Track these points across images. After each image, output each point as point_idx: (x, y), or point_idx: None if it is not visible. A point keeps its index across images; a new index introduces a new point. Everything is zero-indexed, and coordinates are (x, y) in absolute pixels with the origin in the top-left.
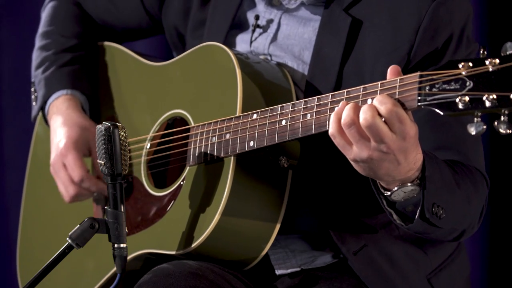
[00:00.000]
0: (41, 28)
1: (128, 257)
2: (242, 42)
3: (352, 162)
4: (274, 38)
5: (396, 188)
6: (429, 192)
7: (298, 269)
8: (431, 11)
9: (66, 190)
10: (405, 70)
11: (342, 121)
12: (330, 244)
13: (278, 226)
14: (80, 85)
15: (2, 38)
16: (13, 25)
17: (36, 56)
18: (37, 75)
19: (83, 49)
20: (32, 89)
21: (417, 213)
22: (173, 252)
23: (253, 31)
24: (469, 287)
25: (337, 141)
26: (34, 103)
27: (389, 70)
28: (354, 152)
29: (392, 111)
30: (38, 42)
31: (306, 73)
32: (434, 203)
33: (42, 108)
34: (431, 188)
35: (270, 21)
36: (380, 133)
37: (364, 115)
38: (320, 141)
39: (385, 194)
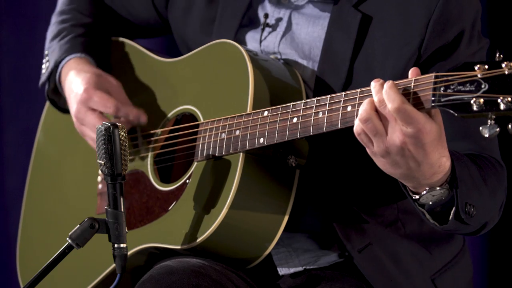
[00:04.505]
0: (59, 7)
1: (132, 251)
2: (252, 41)
3: (372, 157)
4: (284, 37)
5: (424, 192)
6: (461, 193)
7: (301, 268)
8: (440, 4)
9: None
10: (417, 64)
11: (359, 116)
12: (336, 242)
13: (283, 225)
14: (93, 53)
15: (2, 38)
16: (13, 25)
17: (52, 30)
18: (51, 46)
19: (97, 28)
20: (44, 60)
21: (452, 214)
22: (178, 247)
23: (263, 30)
24: None
25: (361, 138)
26: (43, 71)
27: (410, 72)
28: (375, 147)
29: (399, 109)
30: (55, 18)
31: (316, 70)
32: (466, 202)
33: (51, 74)
34: (463, 188)
35: (279, 20)
36: (376, 128)
37: (361, 108)
38: (329, 142)
39: (414, 198)
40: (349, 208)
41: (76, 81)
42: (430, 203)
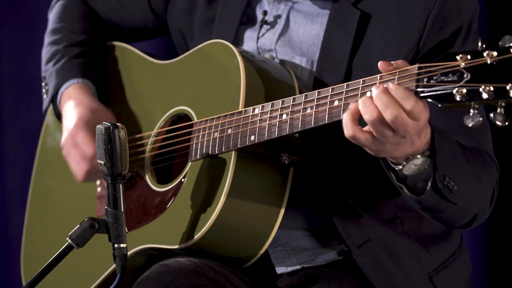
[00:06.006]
0: (50, 25)
1: (130, 252)
2: (250, 39)
3: (367, 149)
4: (282, 34)
5: (405, 163)
6: (440, 163)
7: (299, 267)
8: (439, 2)
9: (79, 167)
10: (414, 61)
11: (368, 117)
12: (335, 237)
13: (278, 222)
14: (90, 76)
15: (2, 38)
16: (13, 25)
17: (46, 52)
18: (47, 69)
19: (92, 45)
20: (43, 83)
21: (429, 183)
22: (174, 247)
23: (261, 27)
24: (470, 287)
25: (357, 141)
26: (45, 96)
27: (379, 65)
28: (374, 144)
29: (415, 107)
30: (48, 38)
31: (314, 69)
32: (445, 175)
33: (53, 99)
34: (441, 159)
35: (277, 17)
36: (406, 126)
37: (390, 109)
38: (323, 139)
39: (396, 169)
40: (347, 206)
41: (71, 113)
42: (413, 173)
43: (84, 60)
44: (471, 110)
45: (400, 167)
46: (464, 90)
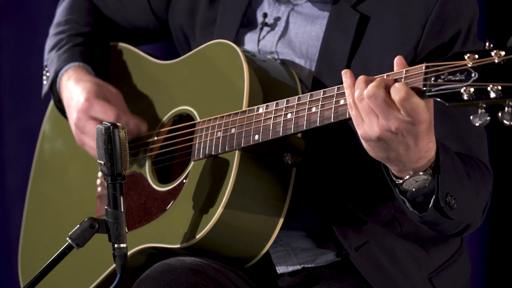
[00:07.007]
0: (57, 19)
1: (131, 251)
2: (250, 41)
3: (363, 141)
4: (282, 36)
5: (407, 177)
6: (443, 181)
7: (299, 267)
8: (438, 5)
9: None
10: (412, 64)
11: (355, 94)
12: (333, 240)
13: (280, 223)
14: (91, 62)
15: (2, 38)
16: (13, 25)
17: (50, 42)
18: (50, 57)
19: (95, 37)
20: (44, 71)
21: (431, 202)
22: (176, 246)
23: (261, 29)
24: None
25: (352, 113)
26: (44, 82)
27: (395, 61)
28: (364, 128)
29: (404, 100)
30: (53, 30)
31: (313, 69)
32: (447, 192)
33: (52, 84)
34: (445, 177)
35: (277, 19)
36: (383, 105)
37: (369, 86)
38: (326, 140)
39: (397, 182)
40: (346, 207)
41: (76, 90)
42: (413, 189)
43: (86, 48)
44: (479, 110)
45: (401, 181)
46: (472, 89)
